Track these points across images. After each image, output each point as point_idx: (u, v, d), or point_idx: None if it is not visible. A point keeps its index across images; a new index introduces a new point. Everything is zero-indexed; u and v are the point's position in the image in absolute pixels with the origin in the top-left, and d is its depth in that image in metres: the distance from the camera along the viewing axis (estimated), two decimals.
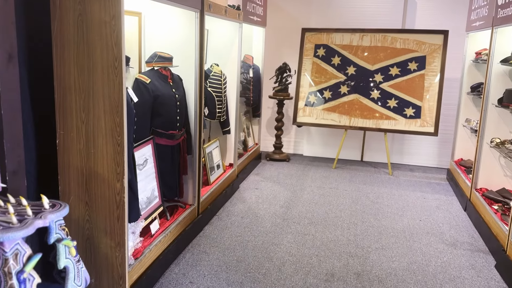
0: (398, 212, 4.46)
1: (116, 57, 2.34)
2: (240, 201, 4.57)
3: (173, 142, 3.35)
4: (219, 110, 4.51)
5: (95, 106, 2.43)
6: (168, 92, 3.26)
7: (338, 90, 5.99)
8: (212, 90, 4.41)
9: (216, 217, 4.12)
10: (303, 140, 6.74)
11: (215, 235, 3.72)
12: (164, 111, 3.25)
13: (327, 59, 6.04)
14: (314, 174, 5.74)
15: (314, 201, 4.67)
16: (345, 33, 5.97)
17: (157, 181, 3.29)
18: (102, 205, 2.54)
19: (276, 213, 4.29)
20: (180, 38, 3.47)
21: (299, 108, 6.11)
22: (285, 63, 6.09)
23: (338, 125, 5.97)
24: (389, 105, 5.81)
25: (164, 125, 3.28)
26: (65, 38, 2.39)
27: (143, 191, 3.08)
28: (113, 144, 2.44)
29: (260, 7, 5.52)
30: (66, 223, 2.65)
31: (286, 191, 4.98)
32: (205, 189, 4.13)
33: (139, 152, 3.04)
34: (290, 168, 5.96)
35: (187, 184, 3.73)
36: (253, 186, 5.11)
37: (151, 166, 3.20)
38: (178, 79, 3.44)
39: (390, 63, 5.83)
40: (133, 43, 3.19)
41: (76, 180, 2.55)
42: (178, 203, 3.64)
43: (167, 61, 3.26)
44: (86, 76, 2.41)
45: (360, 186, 5.29)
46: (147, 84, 3.16)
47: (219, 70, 4.49)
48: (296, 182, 5.33)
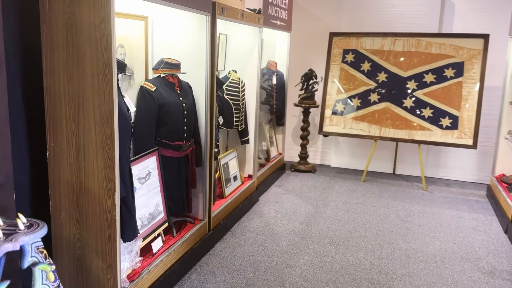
0: (430, 233, 4.06)
1: (107, 63, 2.15)
2: (258, 216, 4.30)
3: (180, 154, 3.13)
4: (236, 119, 4.27)
5: (85, 116, 2.25)
6: (174, 100, 3.05)
7: (368, 98, 5.63)
8: (229, 97, 4.18)
9: (230, 233, 3.87)
10: (331, 150, 6.40)
11: (226, 254, 3.47)
12: (170, 121, 3.05)
13: (356, 65, 5.69)
14: (340, 187, 5.40)
15: (338, 218, 4.34)
16: (376, 38, 5.61)
17: (162, 195, 3.08)
18: (93, 223, 2.35)
19: (295, 230, 3.99)
20: (190, 44, 3.26)
21: (325, 116, 5.79)
22: (311, 69, 5.79)
23: (368, 136, 5.61)
24: (424, 115, 5.39)
25: (170, 136, 3.07)
26: (54, 42, 2.23)
27: (145, 207, 2.88)
28: (103, 157, 2.25)
29: (284, 11, 5.27)
30: (57, 241, 2.48)
31: (308, 205, 4.67)
32: (219, 203, 3.90)
33: (141, 164, 2.84)
34: (315, 180, 5.64)
35: (197, 198, 3.50)
36: (273, 199, 4.83)
37: (155, 179, 3.00)
38: (187, 86, 3.23)
39: (424, 69, 5.42)
40: (139, 48, 3.01)
41: (67, 196, 2.37)
42: (187, 219, 3.41)
43: (174, 67, 3.06)
44: (75, 84, 2.23)
45: (390, 202, 4.90)
46: (152, 92, 2.97)
47: (237, 77, 4.26)
48: (320, 196, 5.01)
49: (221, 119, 3.88)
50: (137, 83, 3.02)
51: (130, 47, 2.91)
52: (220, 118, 3.86)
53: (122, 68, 2.40)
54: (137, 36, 2.97)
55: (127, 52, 2.88)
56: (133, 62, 2.97)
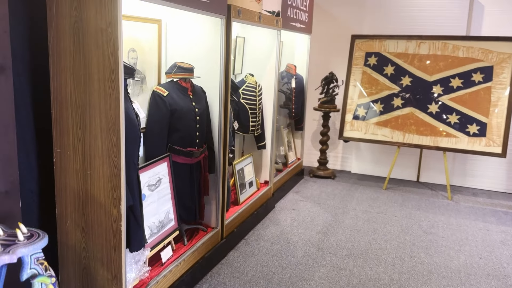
0: (455, 246, 3.86)
1: (113, 68, 2.07)
2: (273, 224, 4.18)
3: (192, 160, 3.05)
4: (253, 124, 4.17)
5: (92, 123, 2.18)
6: (187, 105, 2.97)
7: (391, 103, 5.44)
8: (246, 102, 4.08)
9: (244, 241, 3.77)
10: (351, 156, 6.23)
11: (239, 264, 3.37)
12: (182, 127, 2.96)
13: (379, 69, 5.51)
14: (361, 194, 5.22)
15: (357, 228, 4.18)
16: (400, 40, 5.41)
17: (173, 203, 3.00)
18: (99, 232, 2.28)
19: (311, 240, 3.85)
20: (204, 47, 3.17)
21: (346, 121, 5.63)
22: (331, 72, 5.64)
23: (390, 142, 5.41)
24: (449, 121, 5.16)
25: (182, 142, 2.99)
26: (61, 47, 2.17)
27: (155, 214, 2.80)
28: (109, 165, 2.18)
29: (304, 13, 5.14)
30: (63, 249, 2.42)
31: (326, 213, 4.53)
32: (233, 210, 3.80)
33: (151, 171, 2.77)
34: (335, 187, 5.48)
35: (210, 205, 3.41)
36: (290, 206, 4.70)
37: (166, 186, 2.92)
38: (200, 91, 3.14)
39: (451, 73, 5.19)
40: (151, 52, 2.94)
41: (73, 203, 2.31)
42: (199, 226, 3.33)
43: (187, 72, 2.97)
44: (82, 90, 2.17)
45: (413, 211, 4.70)
46: (164, 97, 2.89)
47: (253, 80, 4.15)
48: (339, 204, 4.85)
49: (237, 124, 3.79)
50: (149, 87, 2.95)
51: (142, 51, 2.84)
52: (235, 123, 3.76)
53: (131, 73, 2.33)
54: (149, 39, 2.91)
55: (139, 56, 2.82)
56: (145, 66, 2.90)
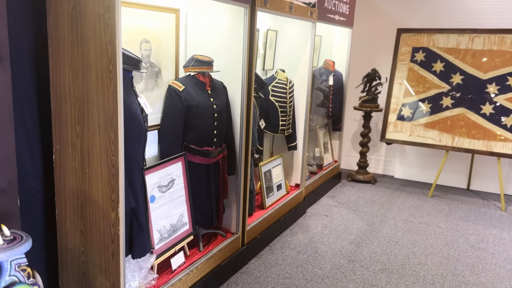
0: (506, 265, 3.40)
1: (111, 58, 1.89)
2: (302, 230, 3.89)
3: (209, 161, 2.83)
4: (282, 123, 3.89)
5: (90, 118, 2.01)
6: (204, 101, 2.76)
7: (440, 103, 4.97)
8: (275, 99, 3.82)
9: (268, 248, 3.51)
10: (395, 160, 5.79)
11: (259, 273, 3.12)
12: (198, 124, 2.76)
13: (427, 65, 5.06)
14: (403, 202, 4.81)
15: (395, 239, 3.81)
16: (451, 34, 4.94)
17: (188, 205, 2.80)
18: (97, 236, 2.11)
19: (342, 250, 3.53)
20: (227, 39, 2.95)
21: (389, 122, 5.22)
22: (374, 69, 5.25)
23: (438, 145, 4.96)
24: (505, 123, 4.64)
25: (198, 140, 2.78)
26: (60, 36, 2.01)
27: (166, 218, 2.61)
28: (107, 164, 2.00)
29: (345, 4, 4.79)
30: (63, 252, 2.27)
31: (362, 222, 4.17)
32: (258, 214, 3.55)
33: (162, 171, 2.58)
34: (374, 192, 5.09)
35: (230, 209, 3.19)
36: (323, 212, 4.39)
37: (179, 188, 2.73)
38: (220, 87, 2.92)
39: (508, 71, 4.66)
40: (168, 44, 2.75)
41: (72, 204, 2.16)
42: (218, 231, 3.11)
43: (205, 65, 2.76)
44: (80, 82, 2.00)
45: (460, 223, 4.25)
46: (179, 92, 2.69)
47: (284, 76, 3.88)
48: (378, 211, 4.48)
49: (263, 123, 3.54)
50: (165, 81, 2.77)
51: (157, 43, 2.65)
52: (261, 121, 3.51)
53: (135, 64, 2.14)
54: (166, 30, 2.72)
55: (154, 48, 2.63)
56: (161, 59, 2.71)
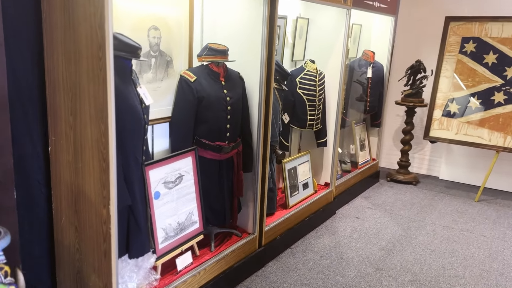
0: None
1: (100, 44, 1.75)
2: (329, 233, 3.64)
3: (221, 156, 2.66)
4: (311, 117, 3.65)
5: (82, 108, 1.89)
6: (216, 93, 2.58)
7: (491, 98, 4.51)
8: (303, 92, 3.58)
9: (289, 251, 3.30)
10: (441, 159, 5.35)
11: (276, 278, 2.92)
12: (210, 117, 2.59)
13: (477, 57, 4.60)
14: (445, 206, 4.42)
15: (431, 247, 3.47)
16: (507, 23, 4.45)
17: (199, 203, 2.65)
18: (90, 234, 2.00)
19: (370, 257, 3.25)
20: (246, 26, 2.75)
21: (434, 118, 4.81)
22: (418, 61, 4.85)
23: (487, 145, 4.51)
24: None
25: (210, 135, 2.61)
26: (53, 20, 1.90)
27: (172, 215, 2.47)
28: (98, 159, 1.87)
29: None
30: (59, 248, 2.19)
31: (397, 226, 3.85)
32: (279, 214, 3.35)
33: (169, 166, 2.44)
34: (415, 194, 4.72)
35: (247, 208, 3.00)
36: (354, 213, 4.10)
37: (189, 184, 2.57)
38: (236, 78, 2.73)
39: None
40: (180, 31, 2.59)
41: (67, 198, 2.06)
42: (233, 231, 2.94)
43: (219, 54, 2.57)
44: (73, 69, 1.88)
45: (508, 232, 3.82)
46: (191, 82, 2.53)
47: (314, 68, 3.63)
48: (416, 215, 4.13)
49: (287, 117, 3.31)
50: (177, 71, 2.61)
51: (167, 30, 2.50)
52: (285, 115, 3.29)
53: (133, 52, 1.99)
54: (178, 16, 2.56)
55: (164, 36, 2.48)
56: (172, 47, 2.56)
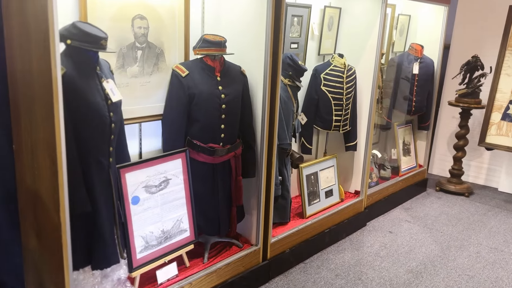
0: None
1: (44, 31, 1.56)
2: (353, 248, 3.25)
3: (215, 160, 2.40)
4: (337, 118, 3.27)
5: (35, 105, 1.72)
6: (209, 90, 2.32)
7: None
8: (328, 89, 3.21)
9: (302, 265, 2.97)
10: (501, 169, 4.69)
11: None
12: (201, 116, 2.33)
13: None
14: (498, 223, 3.82)
15: (470, 273, 2.96)
16: None
17: (190, 210, 2.41)
18: (46, 242, 1.85)
19: (393, 280, 2.83)
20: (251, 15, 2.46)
21: (491, 122, 4.20)
22: (475, 56, 4.25)
23: None
24: None
25: (202, 135, 2.36)
26: (10, 5, 1.75)
27: (156, 222, 2.26)
28: (50, 161, 1.70)
29: None
30: (26, 253, 2.05)
31: (434, 244, 3.36)
32: (293, 224, 3.03)
33: (152, 169, 2.22)
34: (465, 208, 4.15)
35: (250, 216, 2.72)
36: (388, 226, 3.65)
37: (178, 189, 2.35)
38: (237, 73, 2.45)
39: None
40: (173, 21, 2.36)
41: (28, 203, 1.93)
42: (233, 241, 2.68)
43: (214, 46, 2.31)
44: (27, 60, 1.72)
45: None
46: (182, 77, 2.30)
47: (341, 62, 3.24)
48: (460, 233, 3.59)
49: (304, 117, 2.97)
50: (169, 65, 2.39)
51: (157, 19, 2.28)
52: (301, 115, 2.95)
53: (94, 42, 1.78)
54: (170, 5, 2.33)
55: (153, 26, 2.27)
56: (163, 39, 2.34)
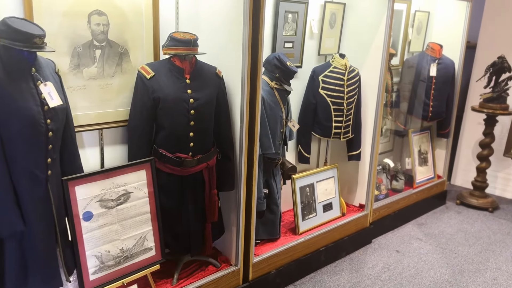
0: None
1: None
2: (352, 268, 2.93)
3: (183, 171, 2.16)
4: (337, 124, 2.97)
5: None
6: (176, 93, 2.08)
7: None
8: (326, 93, 2.92)
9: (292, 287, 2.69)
10: None
11: None
12: (167, 123, 2.11)
13: None
14: None
15: None
16: None
17: (156, 226, 2.19)
18: None
19: None
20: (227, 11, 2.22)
21: None
22: (501, 57, 3.82)
23: None
24: None
25: (168, 144, 2.13)
26: None
27: (113, 241, 2.05)
28: None
29: None
30: None
31: (445, 267, 3.00)
32: (283, 241, 2.76)
33: (108, 181, 2.01)
34: (487, 225, 3.73)
35: (230, 233, 2.47)
36: (395, 245, 3.30)
37: (140, 203, 2.13)
38: (210, 75, 2.20)
39: None
40: (139, 17, 2.14)
41: None
42: (210, 260, 2.44)
43: (182, 45, 2.07)
44: None
45: None
46: (146, 80, 2.08)
47: (342, 63, 2.94)
48: (477, 255, 3.20)
49: (295, 124, 2.68)
50: (135, 66, 2.18)
51: (119, 15, 2.07)
52: (292, 122, 2.67)
53: (26, 41, 1.58)
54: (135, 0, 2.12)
55: (114, 22, 2.06)
56: (127, 37, 2.13)
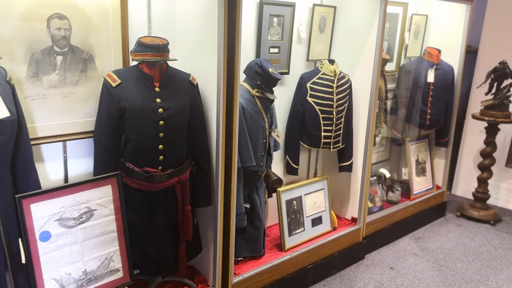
0: None
1: None
2: (342, 287, 2.76)
3: (152, 187, 2.00)
4: (326, 134, 2.80)
5: None
6: (143, 103, 1.93)
7: None
8: (315, 101, 2.75)
9: None
10: None
11: None
12: (134, 134, 1.95)
13: None
14: None
15: None
16: None
17: (123, 246, 2.03)
18: None
19: None
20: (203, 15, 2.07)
21: None
22: (503, 62, 3.64)
23: None
24: None
25: (136, 158, 1.97)
26: None
27: (74, 262, 1.91)
28: None
29: None
30: None
31: (441, 287, 2.81)
32: (269, 258, 2.59)
33: (68, 198, 1.87)
34: (488, 239, 3.53)
35: (208, 251, 2.31)
36: (390, 261, 3.12)
37: (105, 221, 1.98)
38: (182, 83, 2.04)
39: None
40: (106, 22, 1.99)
41: None
42: (186, 281, 2.27)
43: (151, 51, 1.91)
44: None
45: None
46: (112, 88, 1.92)
47: (331, 70, 2.77)
48: (476, 272, 3.01)
49: (279, 134, 2.52)
50: (101, 73, 2.03)
51: (82, 19, 1.92)
52: (276, 132, 2.50)
53: None
54: (101, 2, 1.97)
55: (76, 27, 1.91)
56: (92, 42, 1.98)
